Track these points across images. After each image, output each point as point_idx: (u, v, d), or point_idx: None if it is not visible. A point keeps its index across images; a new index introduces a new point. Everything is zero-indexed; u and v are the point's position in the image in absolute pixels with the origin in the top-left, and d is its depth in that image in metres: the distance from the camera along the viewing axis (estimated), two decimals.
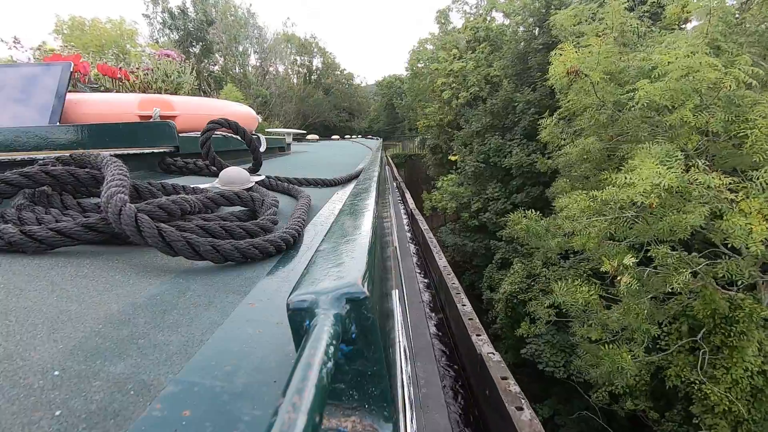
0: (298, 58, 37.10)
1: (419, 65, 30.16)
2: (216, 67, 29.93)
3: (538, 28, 15.62)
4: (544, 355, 9.27)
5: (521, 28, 17.73)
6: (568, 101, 8.09)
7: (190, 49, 27.23)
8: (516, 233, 9.30)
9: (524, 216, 7.77)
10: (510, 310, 10.71)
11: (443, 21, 27.27)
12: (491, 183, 14.80)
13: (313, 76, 38.20)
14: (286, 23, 59.38)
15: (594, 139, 7.29)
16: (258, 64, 32.57)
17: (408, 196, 9.08)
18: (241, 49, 30.31)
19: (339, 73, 39.69)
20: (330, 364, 0.24)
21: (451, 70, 19.78)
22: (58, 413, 0.32)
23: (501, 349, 10.62)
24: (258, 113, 3.03)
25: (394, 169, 16.75)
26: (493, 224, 14.00)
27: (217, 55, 29.65)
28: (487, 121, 15.53)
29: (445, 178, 17.26)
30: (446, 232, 16.72)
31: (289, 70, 36.73)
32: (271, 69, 33.30)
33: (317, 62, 38.87)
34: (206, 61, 28.56)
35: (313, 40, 38.01)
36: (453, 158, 18.27)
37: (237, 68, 29.78)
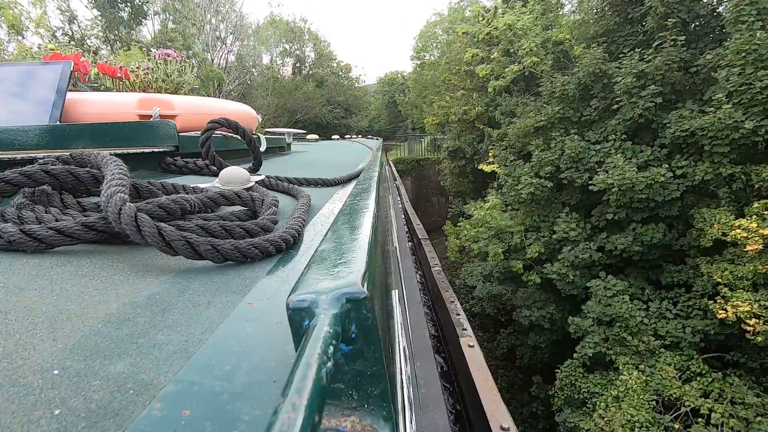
0: (287, 46, 32.30)
1: (426, 56, 25.23)
2: (147, 36, 21.93)
3: None
4: None
5: None
6: None
7: (117, 14, 20.00)
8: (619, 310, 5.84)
9: None
10: None
11: None
12: (562, 212, 8.77)
13: (303, 68, 33.44)
14: (270, 3, 49.90)
15: None
16: (235, 49, 26.81)
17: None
18: (185, 12, 21.53)
19: (336, 65, 35.14)
20: (330, 364, 0.24)
21: (488, 33, 12.67)
22: (57, 412, 0.32)
23: None
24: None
25: (398, 182, 10.80)
26: (568, 283, 7.94)
27: (155, 19, 21.90)
28: (555, 111, 9.36)
29: (483, 205, 10.42)
30: (476, 275, 10.73)
31: (277, 59, 31.84)
32: (243, 51, 26.90)
33: (309, 51, 33.89)
34: (137, 29, 21.43)
35: (303, 24, 32.58)
36: (487, 168, 12.29)
37: (181, 39, 22.09)
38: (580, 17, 11.49)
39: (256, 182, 1.18)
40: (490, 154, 12.19)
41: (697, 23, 8.43)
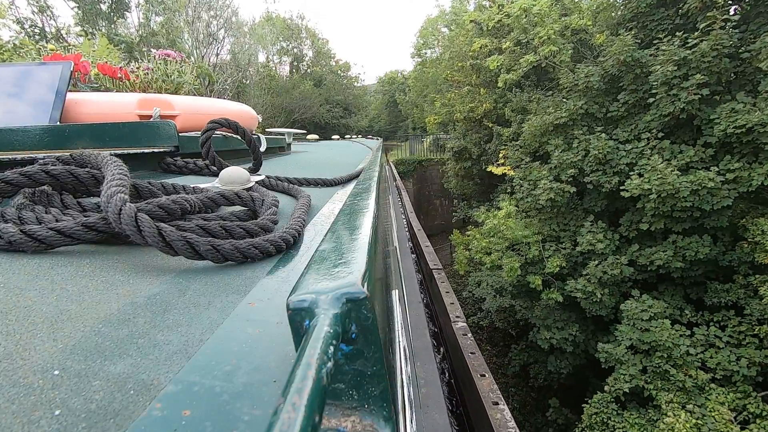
0: (284, 44, 31.39)
1: (428, 53, 24.40)
2: (131, 30, 20.21)
3: None
4: None
5: None
6: None
7: (95, 6, 18.21)
8: (656, 332, 4.88)
9: None
10: None
11: None
12: (585, 221, 7.74)
13: (301, 66, 32.58)
14: None
15: None
16: (228, 46, 25.42)
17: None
18: (171, 5, 20.00)
19: (334, 63, 34.23)
20: (330, 364, 0.24)
21: (499, 21, 11.57)
22: (57, 413, 0.32)
23: None
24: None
25: (399, 182, 10.08)
26: (595, 303, 6.87)
27: (139, 13, 19.99)
28: (578, 106, 8.18)
29: (496, 213, 9.10)
30: (485, 287, 9.60)
31: (274, 57, 31.06)
32: (236, 48, 25.47)
33: (306, 49, 33.02)
34: (117, 22, 19.46)
35: (300, 22, 31.74)
36: (498, 170, 11.18)
37: (166, 35, 20.35)
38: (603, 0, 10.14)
39: (256, 182, 1.18)
40: (501, 155, 11.06)
41: (746, 2, 7.23)
